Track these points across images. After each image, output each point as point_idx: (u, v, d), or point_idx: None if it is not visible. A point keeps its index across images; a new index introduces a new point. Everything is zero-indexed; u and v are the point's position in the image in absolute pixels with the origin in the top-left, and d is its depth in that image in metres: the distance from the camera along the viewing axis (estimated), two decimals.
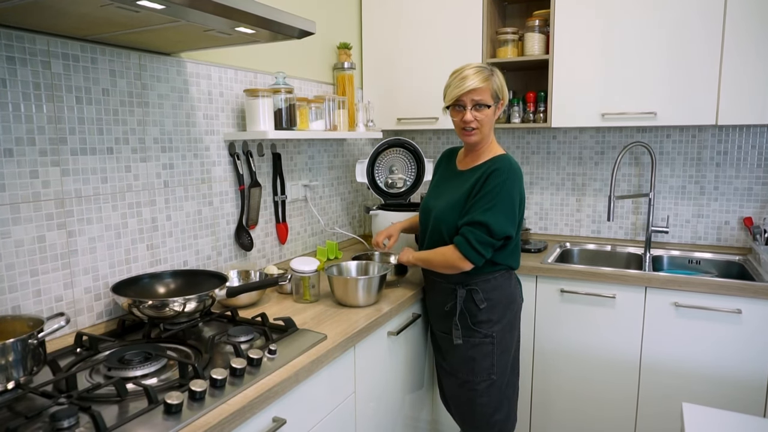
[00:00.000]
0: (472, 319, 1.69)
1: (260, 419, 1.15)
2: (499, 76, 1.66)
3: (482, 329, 1.69)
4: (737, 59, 1.98)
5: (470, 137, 1.67)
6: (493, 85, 1.63)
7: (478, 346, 1.70)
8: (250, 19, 1.23)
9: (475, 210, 1.59)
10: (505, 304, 1.71)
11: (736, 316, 1.88)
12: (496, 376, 1.72)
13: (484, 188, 1.59)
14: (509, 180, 1.59)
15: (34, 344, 1.09)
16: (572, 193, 2.68)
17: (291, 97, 1.88)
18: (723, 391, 1.92)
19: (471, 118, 1.63)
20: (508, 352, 1.75)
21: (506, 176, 1.58)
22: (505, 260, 1.68)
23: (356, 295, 1.65)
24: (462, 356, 1.72)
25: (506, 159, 1.64)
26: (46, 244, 1.36)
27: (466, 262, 1.59)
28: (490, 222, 1.56)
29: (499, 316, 1.70)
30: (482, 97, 1.62)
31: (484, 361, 1.70)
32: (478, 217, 1.57)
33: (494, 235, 1.57)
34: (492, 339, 1.69)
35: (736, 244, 2.38)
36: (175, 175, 1.70)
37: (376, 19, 2.59)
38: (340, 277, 1.70)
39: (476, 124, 1.64)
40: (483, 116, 1.63)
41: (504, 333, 1.71)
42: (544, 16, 2.32)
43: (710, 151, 2.39)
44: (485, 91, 1.61)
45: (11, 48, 1.26)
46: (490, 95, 1.63)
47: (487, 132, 1.67)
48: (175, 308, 1.37)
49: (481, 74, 1.61)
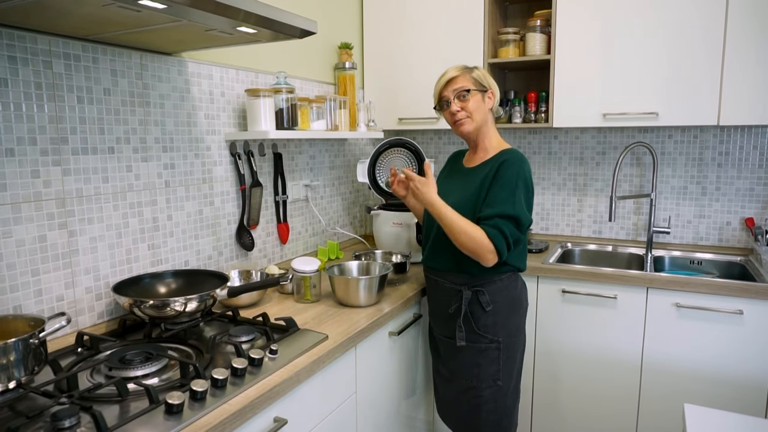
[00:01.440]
0: (477, 322, 1.64)
1: (261, 419, 1.15)
2: (480, 70, 1.67)
3: (488, 333, 1.63)
4: (739, 59, 1.98)
5: (462, 127, 1.65)
6: (471, 74, 1.64)
7: (485, 352, 1.64)
8: (252, 18, 1.23)
9: (499, 201, 1.53)
10: (511, 307, 1.66)
11: (737, 316, 1.87)
12: (502, 381, 1.66)
13: (501, 179, 1.56)
14: (522, 170, 1.57)
15: (35, 344, 1.09)
16: (573, 194, 2.68)
17: (292, 97, 1.88)
18: (724, 392, 1.92)
19: (456, 108, 1.63)
20: (514, 358, 1.69)
21: (518, 167, 1.57)
22: (514, 261, 1.64)
23: (357, 295, 1.64)
24: (467, 361, 1.67)
25: (513, 151, 1.64)
26: (47, 244, 1.36)
27: (495, 255, 1.52)
28: (519, 215, 1.53)
29: (505, 320, 1.65)
30: (461, 84, 1.63)
31: (490, 367, 1.65)
32: (508, 209, 1.52)
33: (521, 228, 1.56)
34: (498, 344, 1.64)
35: (737, 245, 2.38)
36: (176, 175, 1.70)
37: (377, 18, 2.59)
38: (341, 277, 1.70)
39: (464, 114, 1.63)
40: (467, 104, 1.63)
41: (510, 338, 1.66)
42: (546, 16, 2.32)
43: (712, 152, 2.39)
44: (462, 78, 1.63)
45: (13, 48, 1.26)
46: (470, 82, 1.63)
47: (480, 120, 1.65)
48: (176, 308, 1.37)
49: (458, 67, 1.65)
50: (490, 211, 1.54)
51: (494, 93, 1.68)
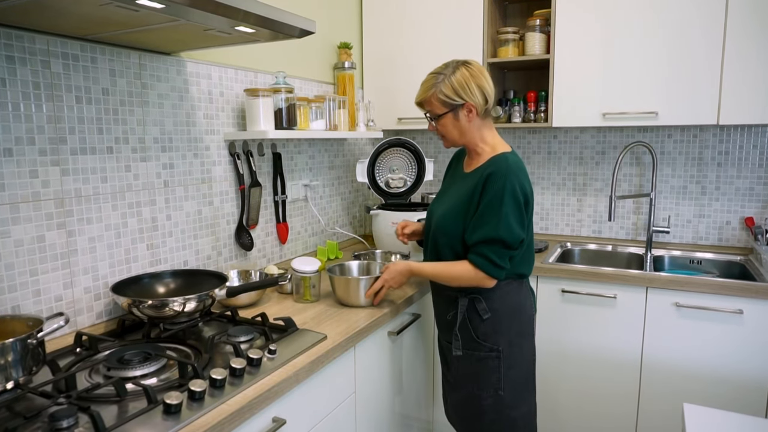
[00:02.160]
0: (475, 330, 1.58)
1: (260, 419, 1.15)
2: (454, 78, 1.51)
3: (487, 342, 1.57)
4: (739, 58, 1.98)
5: (444, 143, 1.64)
6: (439, 93, 1.52)
7: (484, 360, 1.58)
8: (251, 18, 1.23)
9: (485, 224, 1.49)
10: (511, 315, 1.59)
11: (737, 316, 1.87)
12: (503, 392, 1.58)
13: (487, 194, 1.49)
14: (508, 182, 1.49)
15: (33, 344, 1.09)
16: (573, 193, 2.67)
17: (291, 97, 1.88)
18: (724, 392, 1.92)
19: (432, 127, 1.62)
20: (519, 367, 1.60)
21: (504, 179, 1.48)
22: (514, 268, 1.57)
23: (358, 295, 1.64)
24: (467, 369, 1.61)
25: (502, 159, 1.53)
26: (45, 244, 1.36)
27: (491, 280, 1.52)
28: (504, 236, 1.48)
29: (505, 328, 1.57)
30: (429, 108, 1.57)
31: (491, 376, 1.58)
32: (491, 233, 1.48)
33: (511, 247, 1.50)
34: (498, 353, 1.57)
35: (737, 245, 2.38)
36: (175, 175, 1.70)
37: (376, 18, 2.59)
38: (342, 277, 1.70)
39: (441, 132, 1.61)
40: (440, 125, 1.58)
41: (512, 347, 1.58)
42: (545, 15, 2.32)
43: (711, 151, 2.39)
44: (429, 101, 1.56)
45: (11, 47, 1.26)
46: (439, 103, 1.54)
47: (456, 137, 1.59)
48: (175, 308, 1.37)
49: (427, 84, 1.56)
50: (475, 236, 1.51)
51: (474, 103, 1.52)
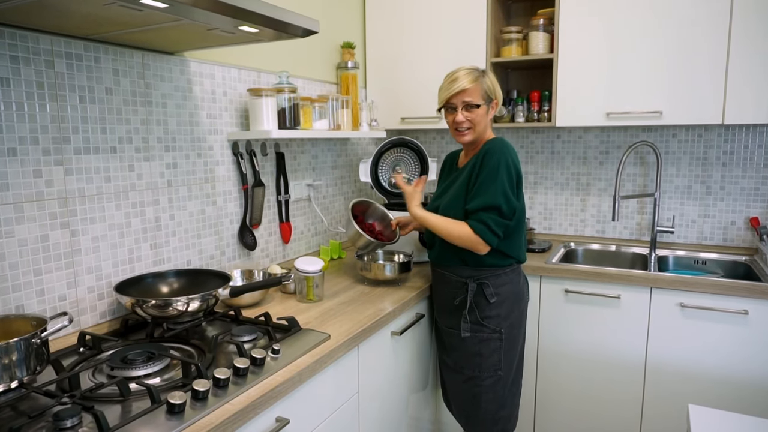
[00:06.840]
0: (481, 313, 1.70)
1: (263, 419, 1.15)
2: (490, 78, 1.69)
3: (491, 324, 1.70)
4: (744, 58, 1.97)
5: (463, 137, 1.69)
6: (483, 85, 1.65)
7: (486, 342, 1.71)
8: (254, 18, 1.22)
9: (483, 193, 1.60)
10: (513, 300, 1.73)
11: (742, 317, 1.86)
12: (502, 372, 1.73)
13: (485, 168, 1.61)
14: (503, 156, 1.61)
15: (37, 344, 1.09)
16: (577, 193, 2.67)
17: (294, 97, 1.88)
18: (729, 393, 1.91)
19: (462, 119, 1.66)
20: (515, 349, 1.76)
21: (500, 154, 1.61)
22: (516, 253, 1.71)
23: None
24: (469, 351, 1.73)
25: (497, 140, 1.67)
26: (49, 244, 1.36)
27: (485, 246, 1.61)
28: (501, 203, 1.59)
29: (508, 312, 1.71)
30: (472, 98, 1.64)
31: (492, 357, 1.72)
32: (490, 200, 1.59)
33: (505, 216, 1.61)
34: (500, 335, 1.70)
35: (742, 245, 2.37)
36: (178, 175, 1.70)
37: (379, 18, 2.58)
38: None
39: (468, 124, 1.66)
40: (474, 116, 1.65)
41: (512, 329, 1.73)
42: (549, 14, 2.31)
43: (716, 151, 2.38)
44: (474, 91, 1.64)
45: (15, 47, 1.26)
46: (480, 95, 1.65)
47: (481, 131, 1.69)
48: (179, 308, 1.37)
49: (471, 75, 1.64)
50: (474, 204, 1.61)
51: (498, 102, 1.72)
